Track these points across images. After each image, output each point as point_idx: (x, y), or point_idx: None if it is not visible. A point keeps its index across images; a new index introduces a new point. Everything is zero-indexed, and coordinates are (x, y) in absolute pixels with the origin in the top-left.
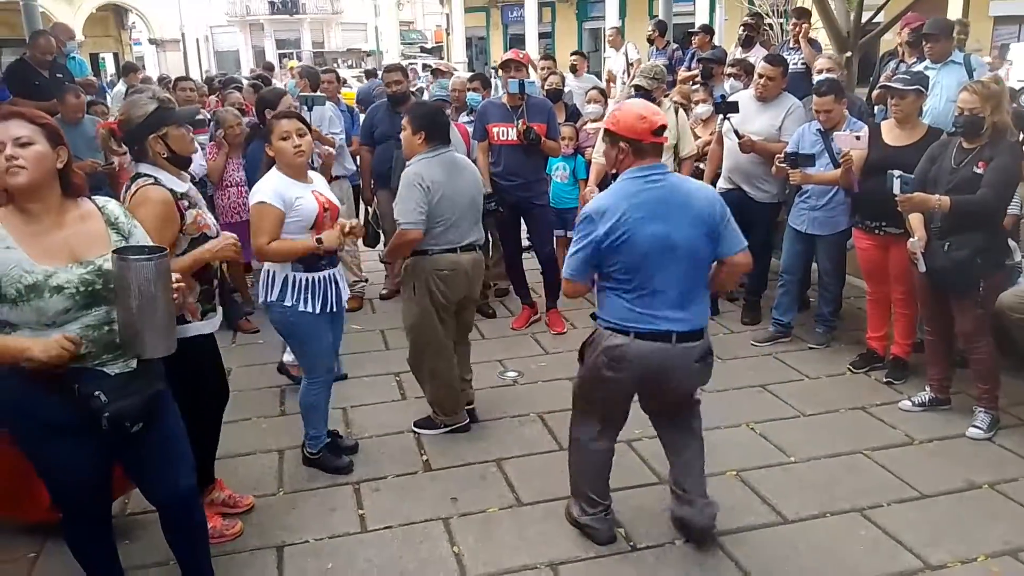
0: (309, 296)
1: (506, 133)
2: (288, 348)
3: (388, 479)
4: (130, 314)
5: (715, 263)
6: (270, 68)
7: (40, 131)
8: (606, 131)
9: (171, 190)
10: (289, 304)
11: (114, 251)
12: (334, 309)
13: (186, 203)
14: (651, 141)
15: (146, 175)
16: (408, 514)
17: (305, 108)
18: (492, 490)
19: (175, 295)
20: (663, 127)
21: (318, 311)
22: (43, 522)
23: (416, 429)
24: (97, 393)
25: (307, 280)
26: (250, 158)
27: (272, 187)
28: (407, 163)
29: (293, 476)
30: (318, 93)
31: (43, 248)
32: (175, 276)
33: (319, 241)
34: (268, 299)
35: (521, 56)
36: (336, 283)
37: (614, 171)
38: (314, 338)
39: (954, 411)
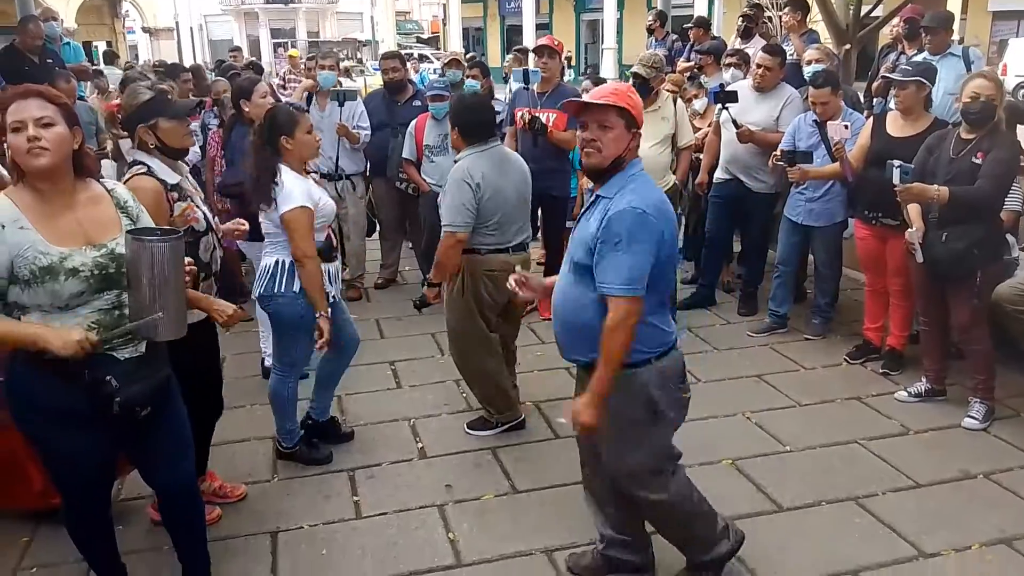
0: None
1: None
2: (268, 350)
3: (383, 466)
4: (143, 296)
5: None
6: (259, 70)
7: (59, 111)
8: (626, 112)
9: (162, 181)
10: (297, 291)
11: (128, 232)
12: (335, 299)
13: (176, 195)
14: None
15: (140, 163)
16: (403, 501)
17: (337, 104)
18: (487, 478)
19: (186, 279)
20: None
21: (337, 299)
22: (36, 508)
23: (471, 431)
24: (108, 378)
25: (324, 270)
26: (233, 144)
27: (302, 190)
28: (455, 159)
29: (287, 463)
30: (349, 88)
31: (57, 230)
32: (187, 260)
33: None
34: (281, 290)
35: (556, 44)
36: (338, 275)
37: (611, 163)
38: (308, 329)
39: (950, 402)
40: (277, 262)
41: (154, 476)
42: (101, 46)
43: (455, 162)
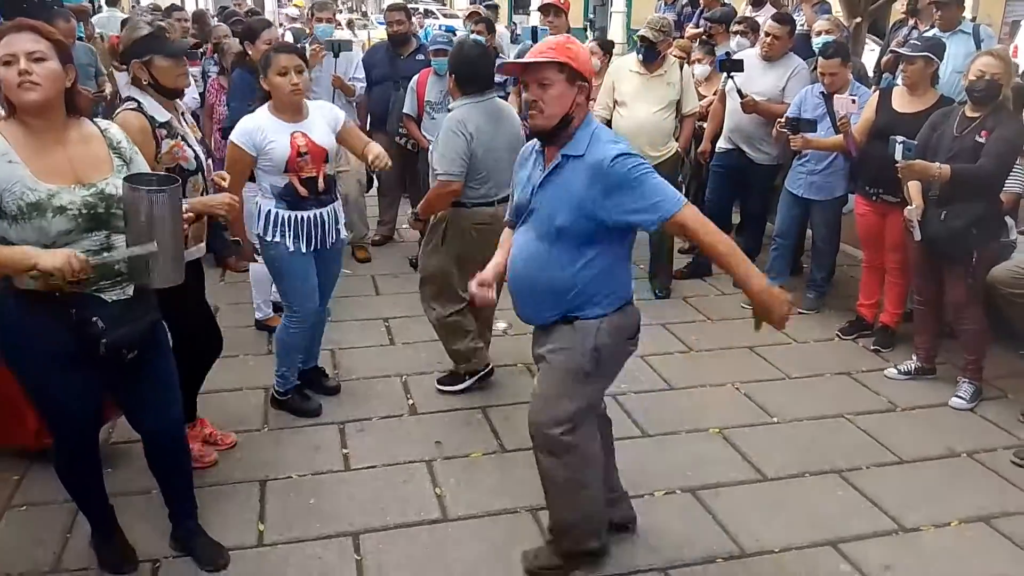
0: (291, 233)
1: None
2: (263, 303)
3: (373, 420)
4: (139, 243)
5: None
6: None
7: (52, 47)
8: (566, 67)
9: (151, 118)
10: (270, 239)
11: (125, 179)
12: (318, 248)
13: (164, 132)
14: None
15: (132, 99)
16: (392, 455)
17: (331, 54)
18: (476, 436)
19: (184, 226)
20: None
21: (303, 250)
22: (28, 446)
23: (442, 387)
24: (95, 319)
25: (290, 217)
26: (234, 86)
27: (246, 128)
28: (449, 107)
29: (278, 413)
30: (346, 37)
31: (46, 166)
32: (184, 206)
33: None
34: (257, 231)
35: (562, 2)
36: (324, 223)
37: (558, 123)
38: (294, 275)
39: (939, 380)
40: (256, 204)
41: (140, 421)
42: None
43: (448, 110)
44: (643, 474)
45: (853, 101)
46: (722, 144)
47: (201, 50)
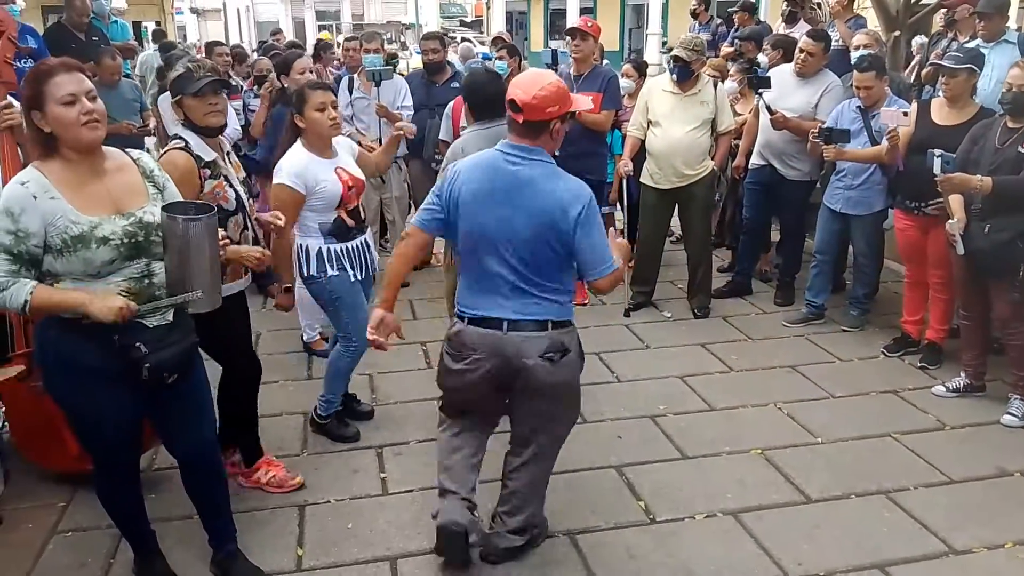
0: (347, 265)
1: None
2: (308, 326)
3: (411, 444)
4: (179, 271)
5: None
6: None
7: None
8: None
9: (197, 156)
10: (329, 274)
11: (163, 208)
12: (363, 276)
13: (208, 172)
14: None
15: (180, 138)
16: (430, 479)
17: (373, 84)
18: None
19: (220, 253)
20: (512, 100)
21: (360, 278)
22: (72, 471)
23: None
24: (138, 344)
25: (343, 250)
26: (275, 120)
27: (295, 170)
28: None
29: (317, 438)
30: (387, 66)
31: (86, 198)
32: (221, 234)
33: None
34: (307, 273)
35: (590, 25)
36: (368, 248)
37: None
38: (355, 305)
39: (988, 398)
40: (302, 246)
41: (174, 444)
42: (151, 26)
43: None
44: (683, 497)
45: (905, 114)
46: (754, 160)
47: (223, 81)
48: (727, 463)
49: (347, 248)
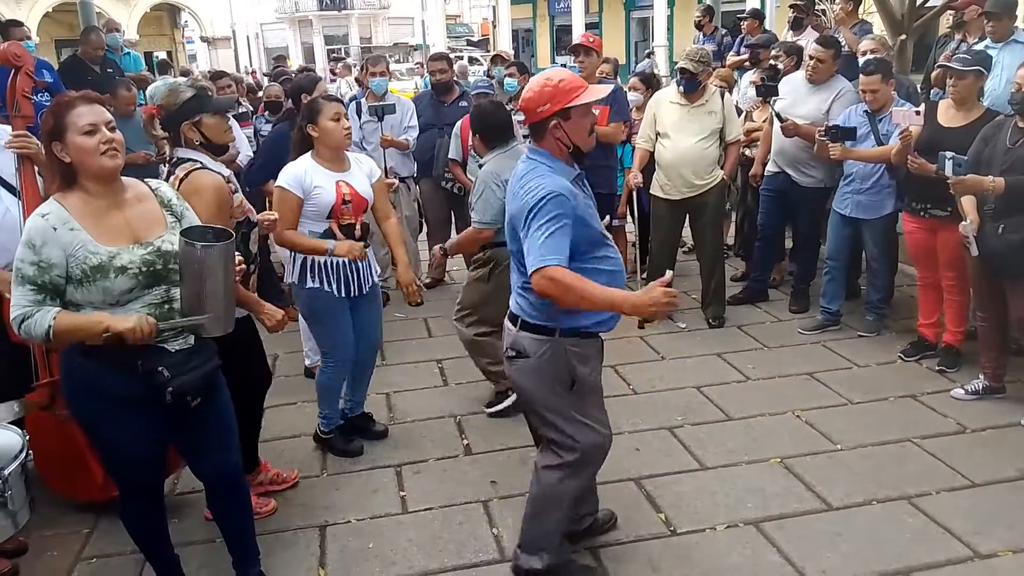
0: (328, 279)
1: None
2: (311, 349)
3: (429, 462)
4: (195, 295)
5: None
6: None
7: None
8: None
9: (219, 173)
10: (309, 286)
11: (181, 233)
12: (355, 293)
13: (233, 186)
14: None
15: (191, 160)
16: (449, 496)
17: (376, 119)
18: (532, 474)
19: (235, 277)
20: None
21: (342, 294)
22: (97, 500)
23: (490, 409)
24: (160, 368)
25: (325, 263)
26: (275, 138)
27: (294, 173)
28: (480, 163)
29: (336, 458)
30: (388, 102)
31: (105, 228)
32: (237, 258)
33: (330, 249)
34: (288, 279)
35: (592, 41)
36: (358, 269)
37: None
38: (331, 320)
39: (1009, 399)
40: (290, 253)
41: (200, 466)
42: (162, 56)
43: (479, 166)
44: (703, 508)
45: (917, 113)
46: (769, 168)
47: (238, 99)
48: (747, 473)
49: (331, 263)
